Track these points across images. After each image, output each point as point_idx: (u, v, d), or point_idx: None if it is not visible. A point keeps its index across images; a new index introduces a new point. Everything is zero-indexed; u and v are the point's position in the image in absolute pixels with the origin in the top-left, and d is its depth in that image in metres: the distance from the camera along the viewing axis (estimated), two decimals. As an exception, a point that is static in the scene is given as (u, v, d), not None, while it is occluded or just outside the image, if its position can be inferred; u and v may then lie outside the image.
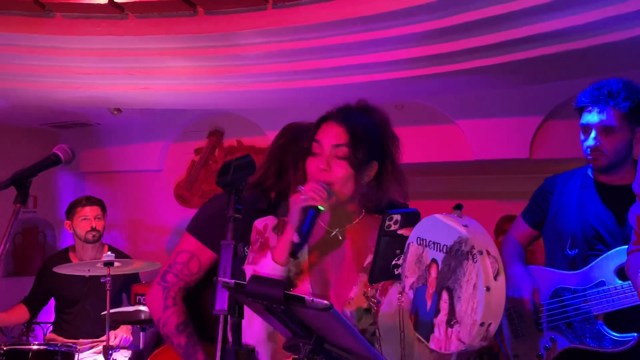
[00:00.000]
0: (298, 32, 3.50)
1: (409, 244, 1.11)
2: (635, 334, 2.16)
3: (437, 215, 1.04)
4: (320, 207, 1.37)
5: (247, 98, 4.42)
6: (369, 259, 1.45)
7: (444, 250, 1.04)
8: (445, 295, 1.01)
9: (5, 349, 2.94)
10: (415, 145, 4.41)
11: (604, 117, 2.25)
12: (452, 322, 0.98)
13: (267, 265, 1.34)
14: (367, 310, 1.39)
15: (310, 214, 1.33)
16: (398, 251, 1.15)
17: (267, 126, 5.24)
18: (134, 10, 3.49)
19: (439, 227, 1.05)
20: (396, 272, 1.17)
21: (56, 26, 3.53)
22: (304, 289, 1.41)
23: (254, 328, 1.41)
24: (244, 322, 1.41)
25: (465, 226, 1.00)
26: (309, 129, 1.90)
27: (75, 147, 1.99)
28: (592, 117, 2.28)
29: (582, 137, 2.35)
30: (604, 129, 2.25)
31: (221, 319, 1.21)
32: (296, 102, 4.45)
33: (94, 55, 3.75)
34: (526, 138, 4.41)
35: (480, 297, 0.94)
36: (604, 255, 2.26)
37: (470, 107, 4.53)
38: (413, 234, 1.11)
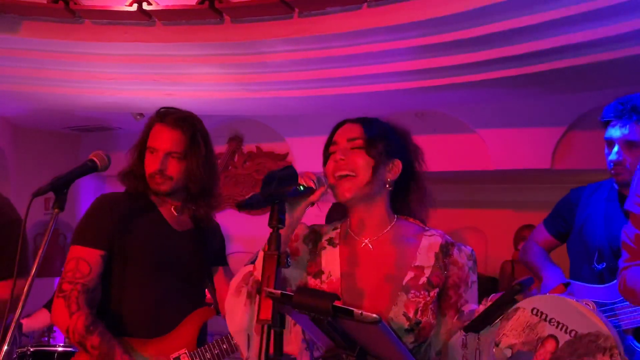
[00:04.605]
0: (323, 41, 3.53)
1: (518, 308, 1.15)
2: None
3: (569, 300, 1.11)
4: (301, 187, 1.36)
5: (271, 105, 4.45)
6: (409, 275, 1.41)
7: (572, 335, 1.11)
8: None
9: (32, 350, 2.98)
10: (435, 154, 4.39)
11: (626, 131, 2.23)
12: None
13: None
14: (408, 330, 1.37)
15: (293, 191, 1.33)
16: (504, 312, 1.18)
17: (286, 132, 5.27)
18: (162, 17, 3.53)
19: (569, 311, 1.13)
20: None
21: (85, 32, 3.59)
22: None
23: None
24: None
25: (605, 323, 1.07)
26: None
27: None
28: (615, 131, 2.27)
29: (606, 150, 2.34)
30: (626, 144, 2.24)
31: (264, 329, 1.22)
32: (319, 109, 4.48)
33: (120, 61, 3.81)
34: (548, 148, 4.40)
35: None
36: None
37: (491, 117, 4.53)
38: (527, 303, 1.16)
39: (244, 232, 5.28)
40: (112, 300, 1.91)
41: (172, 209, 1.99)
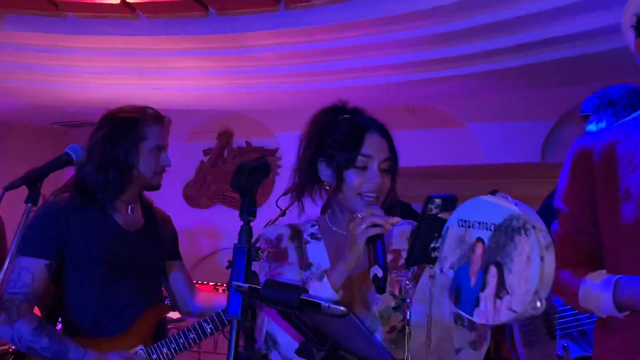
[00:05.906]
0: (309, 34, 3.49)
1: (448, 227, 1.09)
2: None
3: (483, 197, 1.04)
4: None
5: (258, 99, 4.42)
6: (389, 258, 1.44)
7: (492, 229, 1.03)
8: (493, 270, 1.01)
9: (13, 348, 2.93)
10: (425, 148, 4.39)
11: (602, 125, 2.19)
12: (501, 294, 0.98)
13: (325, 292, 1.34)
14: (395, 308, 1.42)
15: (379, 244, 1.28)
16: (436, 234, 1.13)
17: (276, 127, 5.24)
18: (146, 10, 3.49)
19: (485, 207, 1.04)
20: (433, 256, 1.15)
21: (69, 26, 3.54)
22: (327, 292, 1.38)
23: None
24: None
25: (515, 204, 1.01)
26: (134, 120, 1.97)
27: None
28: (592, 127, 2.23)
29: None
30: None
31: (234, 324, 1.19)
32: (306, 104, 4.43)
33: (105, 54, 3.76)
34: (538, 142, 4.38)
35: (535, 268, 0.96)
36: None
37: (481, 111, 4.51)
38: (453, 217, 1.09)
39: (234, 227, 5.25)
40: (66, 304, 1.94)
41: (129, 209, 2.01)
